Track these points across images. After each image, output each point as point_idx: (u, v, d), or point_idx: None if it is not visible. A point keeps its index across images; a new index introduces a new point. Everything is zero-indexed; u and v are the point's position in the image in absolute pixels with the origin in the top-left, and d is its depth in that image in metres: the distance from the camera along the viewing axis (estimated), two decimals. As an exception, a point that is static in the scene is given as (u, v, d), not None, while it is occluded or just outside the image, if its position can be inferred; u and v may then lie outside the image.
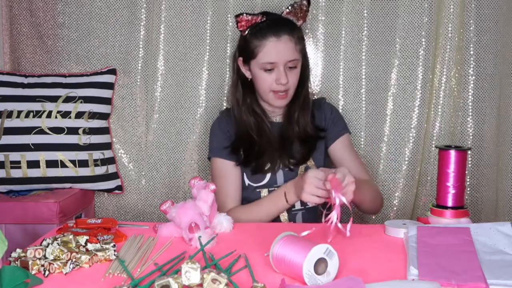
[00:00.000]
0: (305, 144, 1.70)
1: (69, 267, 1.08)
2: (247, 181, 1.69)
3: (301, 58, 1.69)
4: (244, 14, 1.65)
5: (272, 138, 1.71)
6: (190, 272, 0.95)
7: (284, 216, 1.66)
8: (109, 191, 2.09)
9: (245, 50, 1.68)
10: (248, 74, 1.72)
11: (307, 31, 1.99)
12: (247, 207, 1.64)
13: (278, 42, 1.62)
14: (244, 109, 1.72)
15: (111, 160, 2.07)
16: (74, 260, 1.10)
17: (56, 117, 1.95)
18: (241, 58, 1.71)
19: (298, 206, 1.67)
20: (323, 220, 1.29)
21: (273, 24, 1.65)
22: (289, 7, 1.67)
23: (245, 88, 1.74)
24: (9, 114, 1.93)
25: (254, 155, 1.67)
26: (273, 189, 1.66)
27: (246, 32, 1.66)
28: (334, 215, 1.26)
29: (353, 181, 1.35)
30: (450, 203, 1.34)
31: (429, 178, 2.04)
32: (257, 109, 1.73)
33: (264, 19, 1.66)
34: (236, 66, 1.75)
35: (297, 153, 1.69)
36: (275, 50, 1.62)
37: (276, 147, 1.70)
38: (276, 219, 1.65)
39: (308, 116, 1.72)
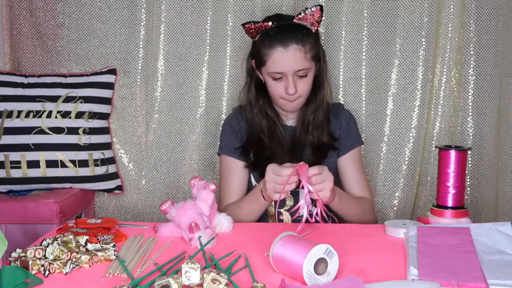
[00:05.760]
0: (317, 151, 1.66)
1: (69, 267, 1.08)
2: (254, 182, 1.68)
3: (313, 66, 1.61)
4: (252, 23, 1.58)
5: (283, 142, 1.68)
6: (190, 272, 0.95)
7: (287, 217, 1.66)
8: (109, 191, 2.09)
9: (256, 56, 1.64)
10: (262, 77, 1.67)
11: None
12: (236, 204, 1.61)
13: (285, 52, 1.55)
14: (257, 111, 1.69)
15: (111, 160, 2.06)
16: (74, 260, 1.10)
17: (56, 117, 1.95)
18: (254, 61, 1.67)
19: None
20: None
21: (281, 32, 1.56)
22: (301, 13, 1.57)
23: (258, 89, 1.70)
24: (9, 114, 1.93)
25: (263, 159, 1.62)
26: None
27: (257, 37, 1.61)
28: (302, 203, 1.28)
29: (331, 178, 1.35)
30: (450, 203, 1.34)
31: (429, 178, 2.04)
32: (270, 111, 1.69)
33: (274, 25, 1.58)
34: (249, 68, 1.71)
35: (307, 159, 1.62)
36: (282, 60, 1.56)
37: (286, 151, 1.66)
38: (279, 219, 1.65)
39: (323, 122, 1.68)
